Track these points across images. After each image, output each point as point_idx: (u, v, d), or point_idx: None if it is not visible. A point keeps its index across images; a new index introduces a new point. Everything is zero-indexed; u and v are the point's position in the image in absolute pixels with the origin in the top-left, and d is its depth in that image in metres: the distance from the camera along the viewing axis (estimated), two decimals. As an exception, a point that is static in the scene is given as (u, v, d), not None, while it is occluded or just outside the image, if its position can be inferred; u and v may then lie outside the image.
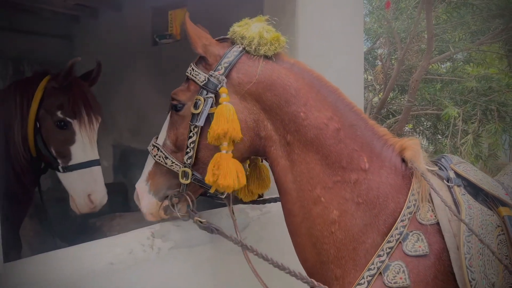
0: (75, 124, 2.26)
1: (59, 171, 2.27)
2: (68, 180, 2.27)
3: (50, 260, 1.41)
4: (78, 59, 2.28)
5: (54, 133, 2.26)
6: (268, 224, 2.14)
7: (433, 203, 1.38)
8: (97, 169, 2.30)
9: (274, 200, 1.87)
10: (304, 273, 1.47)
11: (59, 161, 2.26)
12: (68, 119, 2.24)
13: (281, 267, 1.37)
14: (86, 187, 2.25)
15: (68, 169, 2.25)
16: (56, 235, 2.79)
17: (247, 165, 1.73)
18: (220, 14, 3.16)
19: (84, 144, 2.27)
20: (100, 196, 2.29)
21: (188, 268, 1.74)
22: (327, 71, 2.67)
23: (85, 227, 3.11)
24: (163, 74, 4.36)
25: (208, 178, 1.43)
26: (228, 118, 1.41)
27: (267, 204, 2.26)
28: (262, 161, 1.76)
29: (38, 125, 2.27)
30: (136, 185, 1.67)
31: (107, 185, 2.34)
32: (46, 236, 3.04)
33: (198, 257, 1.78)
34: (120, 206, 3.79)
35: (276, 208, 2.08)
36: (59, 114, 2.24)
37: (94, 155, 2.31)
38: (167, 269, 1.66)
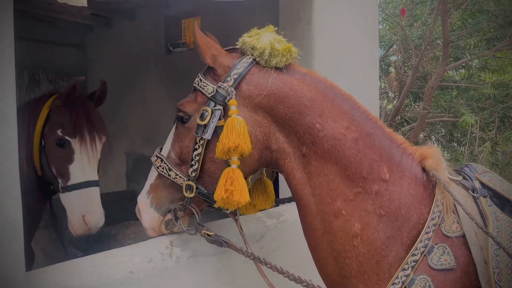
0: (75, 143, 2.24)
1: (59, 191, 2.26)
2: (66, 200, 2.25)
3: (70, 268, 1.40)
4: (81, 79, 2.28)
5: (54, 151, 2.25)
6: (285, 233, 2.12)
7: (458, 215, 1.33)
8: (95, 190, 2.27)
9: (288, 200, 1.83)
10: (323, 285, 1.45)
11: (59, 180, 2.25)
12: (67, 137, 2.24)
13: (298, 280, 1.34)
14: (81, 208, 2.22)
15: (66, 189, 2.23)
16: (70, 243, 2.79)
17: (249, 179, 1.67)
18: (234, 22, 3.17)
19: (83, 164, 2.25)
20: (95, 218, 2.24)
21: (207, 276, 1.72)
22: (343, 78, 2.67)
23: (100, 235, 3.11)
24: (176, 82, 4.39)
25: (220, 194, 1.37)
26: (239, 132, 1.36)
27: (284, 213, 2.25)
28: (266, 176, 1.73)
29: (43, 143, 2.27)
30: (138, 198, 1.63)
31: (120, 192, 2.34)
32: (59, 245, 3.05)
33: (216, 266, 1.76)
34: (133, 214, 3.78)
35: (293, 216, 2.07)
36: (59, 132, 2.24)
37: (92, 175, 2.29)
38: (186, 278, 1.65)
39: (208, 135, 1.42)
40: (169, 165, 1.53)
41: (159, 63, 4.76)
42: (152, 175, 1.60)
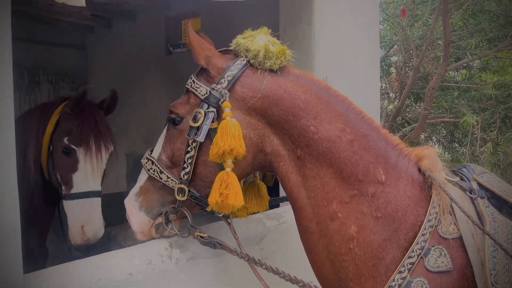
0: (80, 152, 2.24)
1: (63, 198, 2.26)
2: (68, 208, 2.25)
3: (69, 270, 1.39)
4: (90, 87, 2.32)
5: (60, 158, 2.26)
6: (286, 234, 2.11)
7: (455, 216, 1.32)
8: (96, 201, 2.26)
9: (281, 200, 1.83)
10: (319, 286, 1.44)
11: (63, 187, 2.25)
12: (72, 146, 2.24)
13: (294, 280, 1.33)
14: (81, 218, 2.22)
15: (68, 197, 2.23)
16: (72, 245, 2.78)
17: (241, 182, 1.64)
18: (235, 23, 3.16)
19: (86, 174, 2.25)
20: (94, 228, 2.24)
21: (206, 279, 1.71)
22: (343, 79, 2.66)
23: (100, 237, 3.10)
24: (177, 83, 4.38)
25: (215, 198, 1.36)
26: (234, 134, 1.35)
27: (284, 214, 2.24)
28: (266, 179, 1.71)
29: (51, 149, 2.27)
30: (125, 202, 1.59)
31: (121, 193, 2.32)
32: (61, 246, 3.03)
33: (216, 268, 1.75)
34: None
35: (294, 218, 2.06)
36: (65, 140, 2.24)
37: (95, 186, 2.28)
38: (186, 280, 1.64)
39: (201, 138, 1.40)
40: (160, 168, 1.51)
41: (159, 63, 4.76)
42: (142, 177, 1.58)
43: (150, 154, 1.57)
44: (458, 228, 1.30)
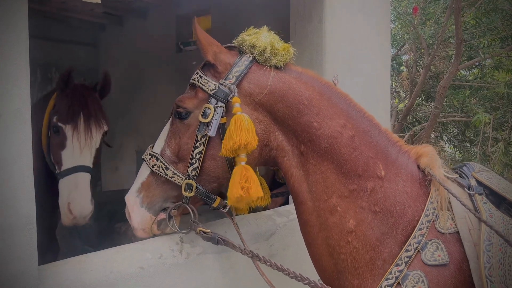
0: (68, 130, 2.22)
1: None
2: (60, 187, 2.17)
3: (82, 263, 1.42)
4: (73, 69, 2.31)
5: (52, 138, 2.26)
6: (296, 231, 2.11)
7: (453, 212, 1.34)
8: (82, 176, 2.17)
9: (281, 194, 1.84)
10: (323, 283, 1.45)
11: (56, 167, 2.22)
12: (60, 124, 2.23)
13: (300, 278, 1.34)
14: (67, 195, 2.13)
15: (60, 175, 2.18)
16: (81, 240, 2.81)
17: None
18: (245, 21, 3.17)
19: (74, 150, 2.20)
20: (80, 206, 2.11)
21: (216, 273, 1.73)
22: (354, 77, 2.66)
23: (110, 232, 3.15)
24: (187, 80, 4.40)
25: (237, 192, 1.37)
26: (248, 128, 1.37)
27: (293, 211, 2.24)
28: (270, 176, 1.73)
29: (49, 134, 2.28)
30: (126, 198, 1.57)
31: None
32: (73, 240, 3.08)
33: (225, 263, 1.77)
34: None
35: (304, 215, 2.06)
36: (54, 119, 2.25)
37: (82, 161, 2.21)
38: (196, 274, 1.66)
39: (212, 133, 1.42)
40: (165, 164, 1.50)
41: (170, 61, 4.79)
42: (144, 173, 1.57)
43: (152, 149, 1.56)
44: (455, 223, 1.33)
